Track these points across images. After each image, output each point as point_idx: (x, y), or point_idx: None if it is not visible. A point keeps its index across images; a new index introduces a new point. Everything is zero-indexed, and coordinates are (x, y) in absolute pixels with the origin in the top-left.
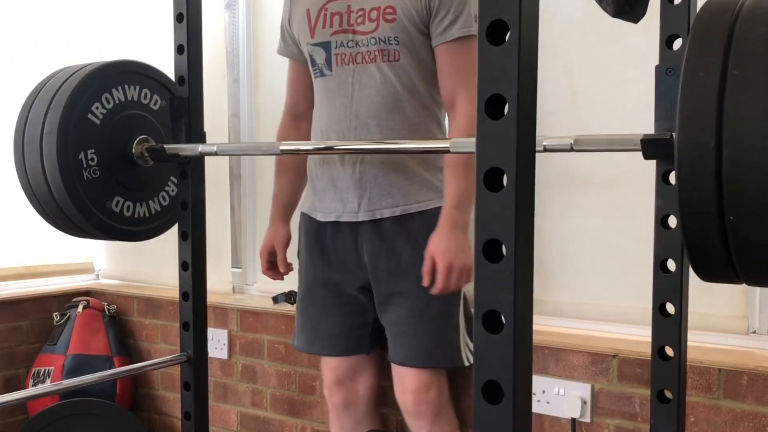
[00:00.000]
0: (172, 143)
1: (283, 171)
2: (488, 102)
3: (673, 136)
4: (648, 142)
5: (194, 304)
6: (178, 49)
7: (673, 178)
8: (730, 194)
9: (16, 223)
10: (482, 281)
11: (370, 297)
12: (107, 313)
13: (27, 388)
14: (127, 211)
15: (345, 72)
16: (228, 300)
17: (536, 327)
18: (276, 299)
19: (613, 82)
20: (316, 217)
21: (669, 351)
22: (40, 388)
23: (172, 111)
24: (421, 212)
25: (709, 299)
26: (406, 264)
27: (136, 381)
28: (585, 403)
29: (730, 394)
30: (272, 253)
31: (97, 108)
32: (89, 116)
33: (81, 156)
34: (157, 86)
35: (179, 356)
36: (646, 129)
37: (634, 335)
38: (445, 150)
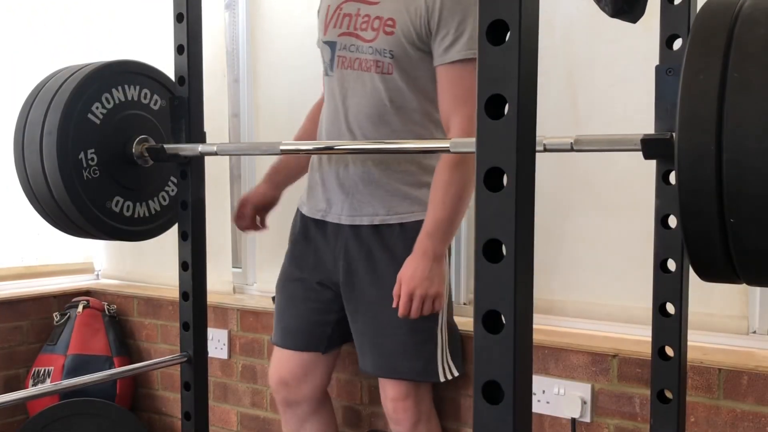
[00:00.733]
0: (172, 143)
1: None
2: (488, 102)
3: (673, 137)
4: (648, 143)
5: (194, 304)
6: (178, 49)
7: (673, 178)
8: (731, 197)
9: (16, 223)
10: (482, 281)
11: (337, 298)
12: (107, 313)
13: (27, 388)
14: (127, 211)
15: (343, 75)
16: (228, 300)
17: (536, 326)
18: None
19: (613, 82)
20: (303, 210)
21: (669, 351)
22: (40, 388)
23: (172, 111)
24: (400, 224)
25: (709, 299)
26: (380, 273)
27: (136, 381)
28: (585, 403)
29: (730, 394)
30: (244, 206)
31: (97, 108)
32: (89, 116)
33: (81, 156)
34: (157, 86)
35: (179, 356)
36: (646, 129)
37: (634, 335)
38: (445, 150)
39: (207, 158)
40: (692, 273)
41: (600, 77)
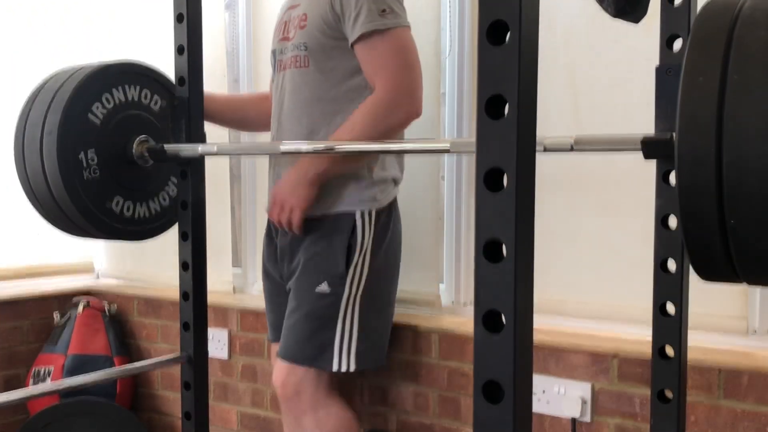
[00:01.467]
0: (172, 143)
1: (260, 96)
2: (488, 102)
3: (674, 137)
4: (648, 143)
5: (194, 304)
6: (178, 50)
7: (673, 179)
8: (731, 198)
9: (16, 223)
10: (482, 281)
11: None
12: (107, 313)
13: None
14: (127, 211)
15: (278, 78)
16: (228, 300)
17: (536, 326)
18: None
19: (613, 83)
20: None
21: (669, 351)
22: (40, 387)
23: (173, 111)
24: (324, 215)
25: (709, 299)
26: (299, 262)
27: (136, 381)
28: (585, 402)
29: (731, 394)
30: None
31: (97, 108)
32: (89, 116)
33: (81, 156)
34: (157, 87)
35: (179, 356)
36: (646, 129)
37: (635, 335)
38: (445, 150)
39: (207, 158)
40: (692, 273)
41: (600, 77)
